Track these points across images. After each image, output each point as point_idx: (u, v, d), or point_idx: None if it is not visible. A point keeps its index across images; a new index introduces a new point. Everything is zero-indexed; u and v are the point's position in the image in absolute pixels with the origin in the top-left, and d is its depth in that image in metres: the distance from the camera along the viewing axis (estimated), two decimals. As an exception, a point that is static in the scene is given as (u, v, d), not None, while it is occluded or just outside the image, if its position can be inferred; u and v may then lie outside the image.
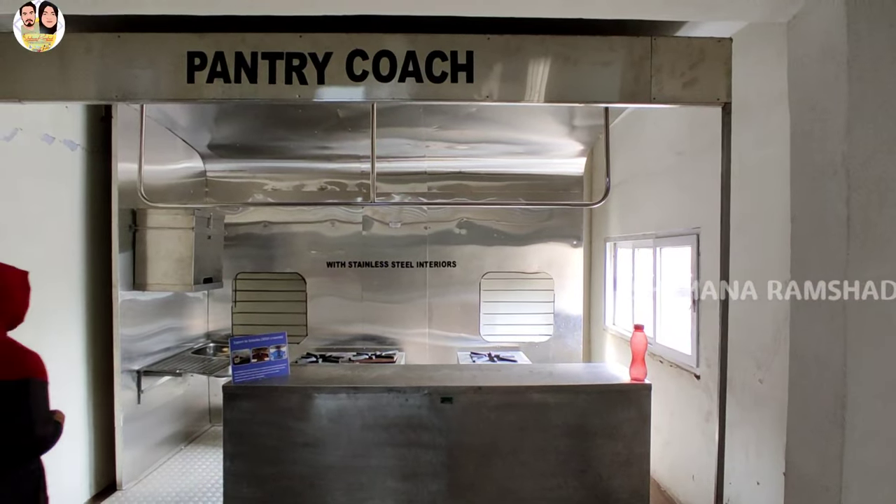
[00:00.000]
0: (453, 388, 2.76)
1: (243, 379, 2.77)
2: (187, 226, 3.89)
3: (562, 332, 5.16)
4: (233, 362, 2.75)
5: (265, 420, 2.75)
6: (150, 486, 3.84)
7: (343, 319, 5.05)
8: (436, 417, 2.76)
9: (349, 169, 5.03)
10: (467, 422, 2.77)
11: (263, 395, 2.76)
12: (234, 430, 2.74)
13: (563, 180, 5.12)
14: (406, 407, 2.75)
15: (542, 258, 5.17)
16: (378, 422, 2.75)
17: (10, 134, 3.02)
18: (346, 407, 2.75)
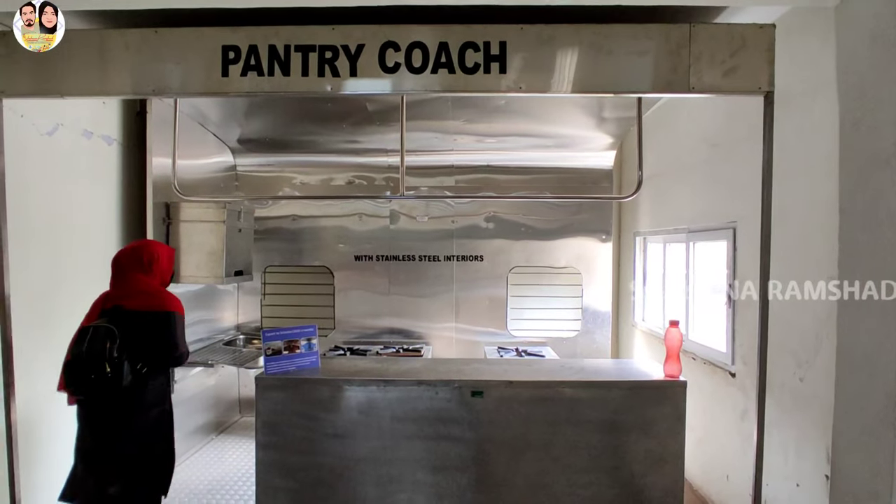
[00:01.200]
0: (484, 382, 2.74)
1: (275, 370, 2.79)
2: (219, 219, 3.94)
3: (590, 328, 5.10)
4: (265, 354, 2.77)
5: (297, 411, 2.77)
6: (185, 474, 3.92)
7: (370, 313, 5.08)
8: (466, 411, 2.74)
9: (377, 163, 5.03)
10: (498, 416, 2.75)
11: (295, 386, 2.78)
12: (266, 420, 2.77)
13: (592, 174, 5.04)
14: (436, 400, 2.74)
15: (571, 253, 5.10)
16: (408, 415, 2.75)
17: (53, 129, 3.09)
18: (376, 399, 2.75)
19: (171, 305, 2.63)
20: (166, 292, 2.72)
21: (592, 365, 3.16)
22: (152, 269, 2.71)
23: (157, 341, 2.56)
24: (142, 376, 2.53)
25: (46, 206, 3.07)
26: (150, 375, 2.58)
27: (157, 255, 2.75)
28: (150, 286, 2.67)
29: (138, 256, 2.71)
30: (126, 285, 2.65)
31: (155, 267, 2.73)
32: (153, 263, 2.72)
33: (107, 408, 2.49)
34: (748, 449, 3.15)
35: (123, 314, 2.54)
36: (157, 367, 2.61)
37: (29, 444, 2.90)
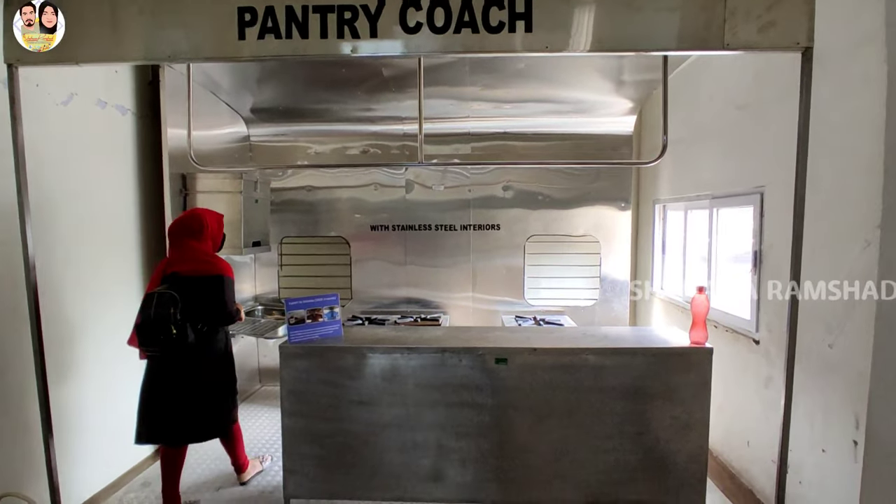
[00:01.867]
0: (508, 350, 2.73)
1: (299, 339, 2.80)
2: (235, 189, 3.91)
3: (608, 297, 5.06)
4: (288, 323, 2.77)
5: (321, 379, 2.79)
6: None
7: (387, 283, 5.07)
8: (489, 378, 2.74)
9: (392, 131, 4.95)
10: (521, 383, 2.74)
11: (319, 354, 2.78)
12: (291, 388, 2.79)
13: (611, 140, 4.92)
14: (460, 367, 2.74)
15: (589, 221, 5.03)
16: (431, 382, 2.75)
17: (68, 99, 3.05)
18: (399, 367, 2.76)
19: (220, 270, 2.92)
20: (216, 257, 2.99)
21: (615, 332, 3.13)
22: (203, 235, 2.98)
23: (211, 303, 2.86)
24: (203, 333, 2.88)
25: (65, 178, 3.05)
26: (210, 332, 2.93)
27: (206, 222, 3.01)
28: (201, 252, 2.95)
29: (189, 225, 2.98)
30: (181, 253, 2.93)
31: (206, 232, 2.99)
32: (203, 230, 2.99)
33: (176, 361, 2.86)
34: (771, 416, 3.14)
35: (180, 279, 2.84)
36: (213, 326, 2.94)
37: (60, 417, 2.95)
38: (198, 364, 2.90)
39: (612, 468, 2.77)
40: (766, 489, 3.15)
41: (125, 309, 3.54)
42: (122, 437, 3.47)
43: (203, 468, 3.58)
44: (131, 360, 3.55)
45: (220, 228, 3.17)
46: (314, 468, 2.82)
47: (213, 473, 3.51)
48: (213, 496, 3.22)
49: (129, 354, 3.53)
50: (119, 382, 3.48)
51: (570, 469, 2.78)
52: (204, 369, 2.93)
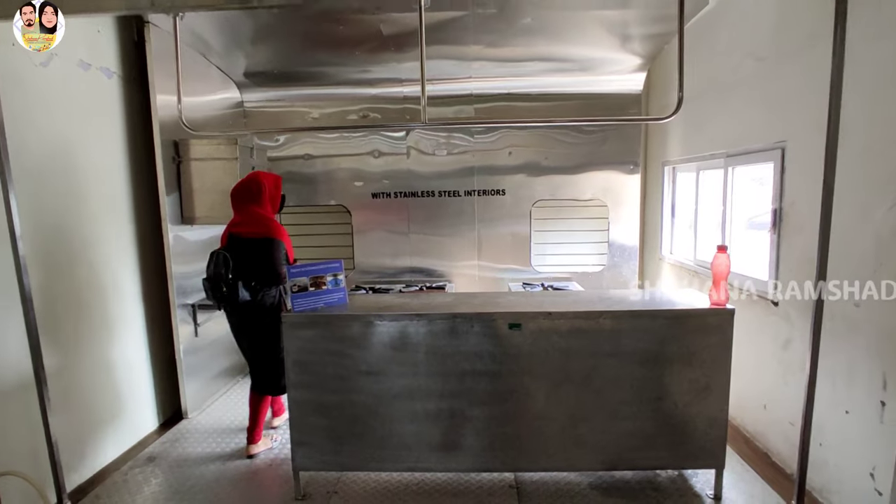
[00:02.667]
0: (522, 314, 2.62)
1: (303, 307, 2.68)
2: (231, 156, 3.74)
3: (616, 262, 4.95)
4: (291, 291, 2.65)
5: (327, 349, 2.68)
6: (213, 415, 3.92)
7: (390, 252, 4.95)
8: (503, 344, 2.64)
9: (391, 94, 4.76)
10: (536, 349, 2.64)
11: (324, 323, 2.67)
12: (296, 359, 2.68)
13: (619, 99, 4.74)
14: (472, 334, 2.63)
15: (597, 185, 4.89)
16: (442, 349, 2.65)
17: (47, 60, 2.86)
18: (409, 334, 2.65)
19: (273, 232, 3.14)
20: (271, 220, 3.19)
21: (631, 295, 3.02)
22: (262, 198, 3.19)
23: (262, 263, 3.09)
24: (257, 290, 3.08)
25: (48, 145, 2.88)
26: (263, 289, 3.10)
27: (263, 185, 3.20)
28: (259, 215, 3.17)
29: (248, 188, 3.19)
30: (241, 215, 3.18)
31: (264, 195, 3.19)
32: (261, 192, 3.18)
33: (235, 315, 3.19)
34: (789, 378, 3.06)
35: (238, 240, 3.13)
36: (264, 284, 3.11)
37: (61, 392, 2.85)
38: (251, 319, 3.14)
39: (629, 434, 2.69)
40: (782, 452, 3.09)
41: (121, 281, 3.42)
42: (126, 410, 3.41)
43: (211, 441, 3.51)
44: (131, 333, 3.48)
45: (277, 190, 3.31)
46: (323, 440, 2.74)
47: (220, 447, 3.43)
48: (219, 468, 3.15)
49: (128, 327, 3.45)
50: (120, 356, 3.38)
51: (588, 436, 2.70)
52: (255, 325, 3.15)
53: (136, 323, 3.55)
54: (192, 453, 3.34)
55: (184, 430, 3.68)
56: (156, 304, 3.72)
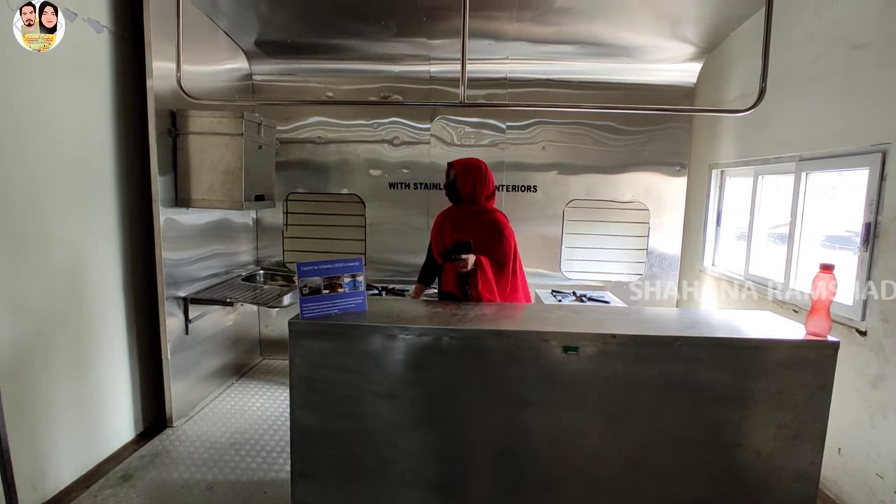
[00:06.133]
0: (579, 335, 2.13)
1: (314, 313, 2.20)
2: (235, 131, 3.26)
3: (655, 272, 4.48)
4: (301, 293, 2.16)
5: (339, 364, 2.20)
6: (203, 423, 3.45)
7: (406, 248, 4.49)
8: (554, 370, 2.16)
9: (417, 73, 4.29)
10: (594, 377, 2.16)
11: (337, 333, 2.19)
12: (302, 374, 2.20)
13: (670, 91, 4.27)
14: (517, 356, 2.15)
15: (638, 186, 4.42)
16: (481, 373, 2.17)
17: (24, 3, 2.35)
18: (441, 353, 2.17)
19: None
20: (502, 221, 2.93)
21: (708, 317, 2.53)
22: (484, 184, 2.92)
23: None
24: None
25: (20, 108, 2.38)
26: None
27: (484, 170, 2.93)
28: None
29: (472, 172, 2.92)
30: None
31: (487, 182, 2.93)
32: (484, 179, 2.93)
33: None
34: (878, 420, 2.58)
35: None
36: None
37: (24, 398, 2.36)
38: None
39: (699, 485, 2.21)
40: (865, 507, 2.62)
41: (102, 267, 2.94)
42: (99, 416, 2.93)
43: (197, 457, 3.03)
44: (111, 327, 3.02)
45: (489, 174, 3.01)
46: (328, 473, 2.25)
47: (207, 465, 2.95)
48: (205, 498, 2.66)
49: (107, 320, 2.98)
50: (96, 352, 2.91)
51: (648, 484, 2.21)
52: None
53: (116, 316, 3.09)
54: (174, 473, 2.86)
55: (167, 441, 3.20)
56: (141, 295, 3.26)
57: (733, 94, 3.94)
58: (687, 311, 2.65)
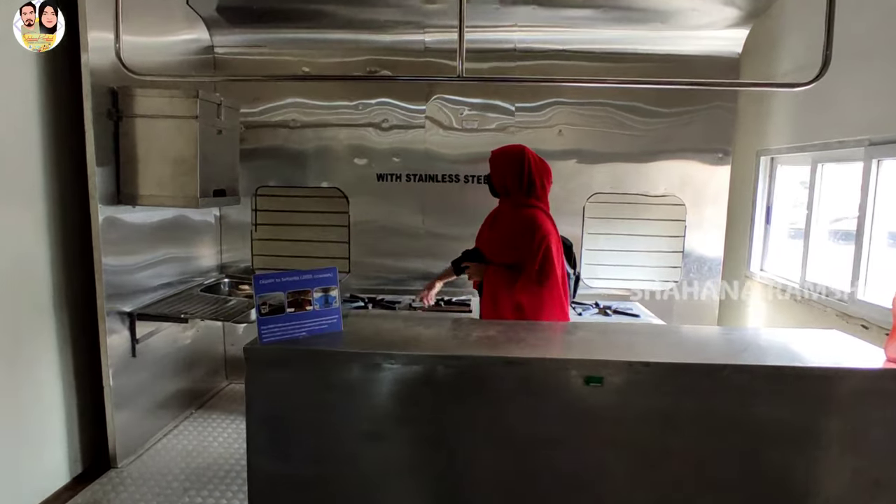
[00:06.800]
0: (604, 363, 2.00)
1: (276, 336, 2.07)
2: (188, 113, 3.14)
3: (692, 279, 4.36)
4: (259, 312, 2.03)
5: (310, 400, 2.07)
6: (153, 463, 3.33)
7: (398, 251, 4.40)
8: (576, 404, 2.02)
9: (409, 43, 4.18)
10: (623, 413, 2.03)
11: (306, 361, 2.06)
12: (262, 413, 2.07)
13: (709, 64, 4.15)
14: (529, 388, 2.02)
15: (672, 177, 4.31)
16: (485, 409, 2.04)
17: None
18: (434, 385, 2.04)
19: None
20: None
21: (761, 338, 2.41)
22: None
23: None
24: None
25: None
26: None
27: (525, 159, 2.89)
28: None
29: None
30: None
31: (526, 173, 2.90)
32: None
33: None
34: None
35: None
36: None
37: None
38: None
39: (754, 545, 2.06)
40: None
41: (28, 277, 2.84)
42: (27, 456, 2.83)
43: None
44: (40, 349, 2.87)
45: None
46: (298, 531, 2.11)
47: None
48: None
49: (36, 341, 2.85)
50: (23, 380, 2.82)
51: (690, 545, 2.07)
52: None
53: (48, 334, 2.98)
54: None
55: (109, 486, 3.08)
56: (79, 309, 3.15)
57: (786, 66, 3.82)
58: (734, 331, 2.53)
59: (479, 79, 3.87)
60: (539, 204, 2.87)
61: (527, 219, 2.79)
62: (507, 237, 2.83)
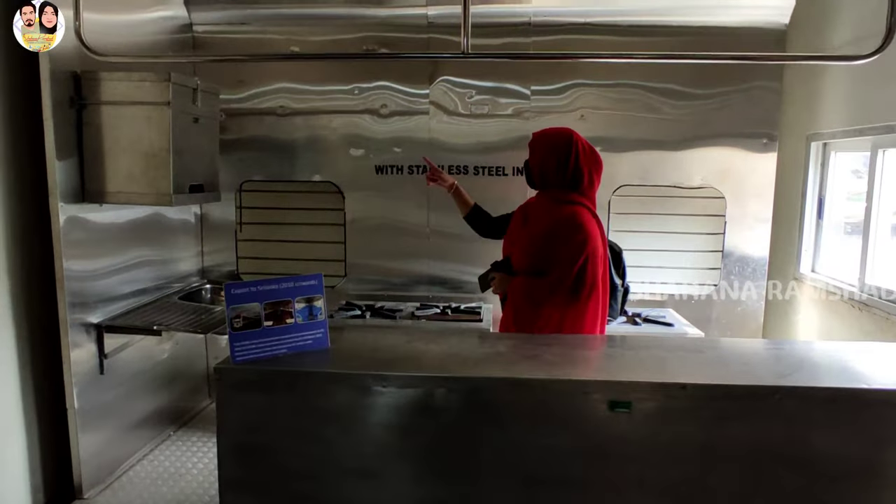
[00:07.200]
0: (633, 385, 1.89)
1: (251, 355, 1.99)
2: (160, 99, 3.06)
3: (733, 282, 4.25)
4: (231, 326, 1.95)
5: (291, 428, 1.99)
6: (125, 493, 3.28)
7: (399, 253, 4.33)
8: (597, 434, 1.93)
9: (410, 17, 4.10)
10: (655, 444, 1.92)
11: (287, 383, 1.98)
12: (234, 443, 2.00)
13: (751, 36, 4.00)
14: (544, 415, 1.94)
15: (710, 167, 4.19)
16: (494, 439, 1.95)
17: None
18: (435, 411, 1.96)
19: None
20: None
21: (816, 354, 2.29)
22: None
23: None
24: None
25: None
26: None
27: (570, 144, 2.75)
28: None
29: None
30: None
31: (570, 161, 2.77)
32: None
33: None
34: None
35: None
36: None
37: None
38: None
39: None
40: None
41: None
42: None
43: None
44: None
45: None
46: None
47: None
48: None
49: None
50: None
51: None
52: None
53: (4, 349, 2.92)
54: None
55: (74, 519, 3.01)
56: (39, 320, 3.10)
57: (841, 37, 3.68)
58: (784, 345, 2.42)
59: (486, 55, 3.75)
60: (583, 200, 2.69)
61: (567, 217, 2.61)
62: (540, 237, 2.65)
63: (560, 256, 2.54)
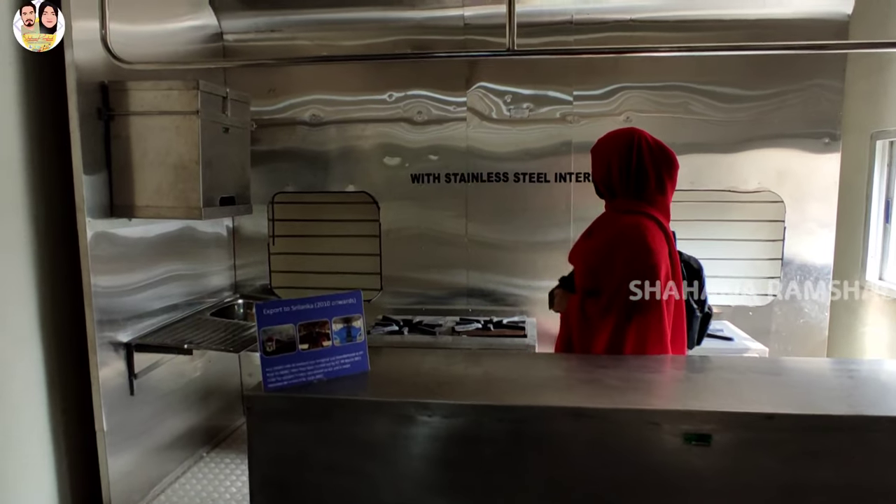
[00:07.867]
0: (710, 416, 1.69)
1: (284, 382, 1.85)
2: (188, 108, 2.98)
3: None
4: (263, 350, 1.81)
5: (327, 461, 1.84)
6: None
7: (437, 264, 4.23)
8: (667, 470, 1.73)
9: (445, 19, 4.00)
10: (736, 480, 1.72)
11: (322, 412, 1.85)
12: (267, 476, 1.86)
13: (811, 28, 3.81)
14: (606, 447, 1.75)
15: (767, 169, 3.98)
16: (547, 474, 1.77)
17: None
18: (481, 443, 1.78)
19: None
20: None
21: None
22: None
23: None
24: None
25: None
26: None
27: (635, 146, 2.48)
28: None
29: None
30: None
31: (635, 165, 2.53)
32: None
33: None
34: None
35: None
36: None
37: None
38: None
39: None
40: None
41: (6, 302, 2.73)
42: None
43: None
44: (22, 386, 2.76)
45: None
46: None
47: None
48: None
49: (16, 376, 2.72)
50: (4, 431, 2.69)
51: None
52: None
53: (31, 369, 2.87)
54: None
55: (103, 547, 2.92)
56: (68, 338, 3.04)
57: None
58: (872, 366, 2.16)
59: (533, 51, 3.62)
60: (649, 210, 2.38)
61: (624, 229, 2.33)
62: (596, 252, 2.41)
63: (614, 273, 2.27)
